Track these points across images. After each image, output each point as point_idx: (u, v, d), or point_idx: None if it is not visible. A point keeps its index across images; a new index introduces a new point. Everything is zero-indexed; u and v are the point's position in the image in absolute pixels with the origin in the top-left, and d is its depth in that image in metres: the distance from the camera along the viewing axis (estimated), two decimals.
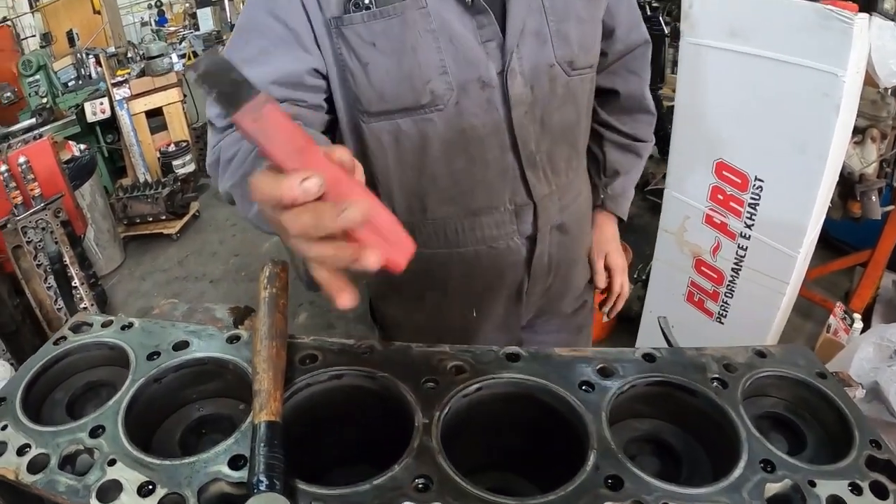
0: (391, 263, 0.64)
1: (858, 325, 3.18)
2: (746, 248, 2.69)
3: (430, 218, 1.34)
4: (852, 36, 1.98)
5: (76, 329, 1.04)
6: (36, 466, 0.78)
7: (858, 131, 2.82)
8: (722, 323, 3.41)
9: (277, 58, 1.13)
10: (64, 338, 1.02)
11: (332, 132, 1.30)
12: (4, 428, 0.84)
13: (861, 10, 2.02)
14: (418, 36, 1.12)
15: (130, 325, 1.02)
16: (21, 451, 0.81)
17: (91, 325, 1.04)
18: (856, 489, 0.72)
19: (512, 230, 1.36)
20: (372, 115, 1.21)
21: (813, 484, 0.73)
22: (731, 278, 3.06)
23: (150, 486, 0.74)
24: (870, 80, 2.19)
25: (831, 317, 3.34)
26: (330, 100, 1.23)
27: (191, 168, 7.06)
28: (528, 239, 1.40)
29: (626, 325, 3.45)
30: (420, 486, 0.74)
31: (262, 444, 0.72)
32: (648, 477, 0.74)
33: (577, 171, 1.47)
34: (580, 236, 1.56)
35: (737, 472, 0.74)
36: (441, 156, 1.25)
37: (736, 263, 2.82)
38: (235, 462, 0.77)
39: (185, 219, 6.37)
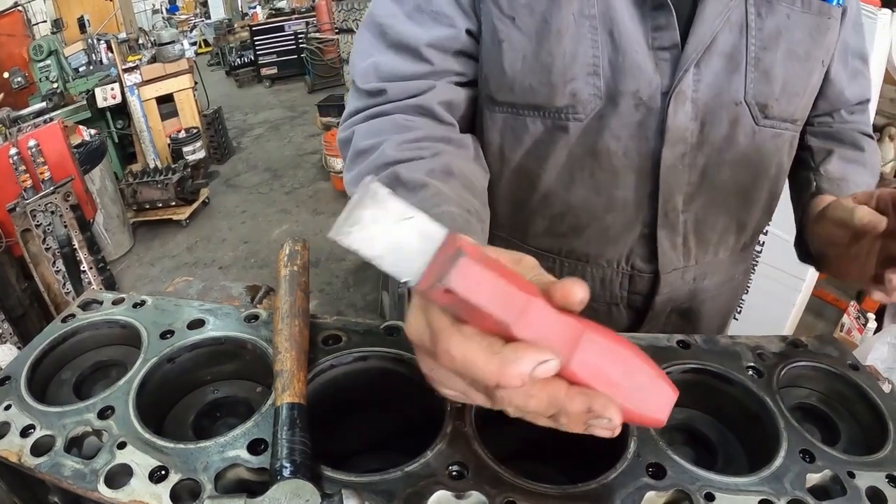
0: (646, 422, 0.54)
1: (872, 324, 3.17)
2: (763, 242, 2.64)
3: (530, 245, 1.11)
4: (875, 31, 1.94)
5: (85, 306, 0.99)
6: (40, 449, 0.74)
7: (877, 129, 2.79)
8: (736, 318, 3.38)
9: (433, 16, 0.96)
10: (73, 315, 0.97)
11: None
12: (8, 408, 0.79)
13: (884, 6, 1.98)
14: (571, 19, 0.90)
15: (143, 303, 0.97)
16: (25, 433, 0.76)
17: (101, 302, 0.99)
18: (893, 480, 0.71)
19: (619, 296, 1.11)
20: (497, 104, 1.01)
21: (852, 475, 0.71)
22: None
23: (163, 472, 0.69)
24: (888, 78, 2.15)
25: (845, 316, 3.33)
26: None
27: (201, 154, 7.09)
28: (635, 312, 1.14)
29: None
30: (454, 473, 0.69)
31: (286, 428, 0.67)
32: (690, 465, 0.71)
33: (733, 250, 1.16)
34: (706, 331, 1.21)
35: (777, 462, 0.72)
36: (562, 175, 1.02)
37: (752, 258, 2.78)
38: (255, 447, 0.71)
39: (195, 205, 6.39)
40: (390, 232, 0.47)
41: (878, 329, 3.18)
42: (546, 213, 1.07)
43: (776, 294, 3.22)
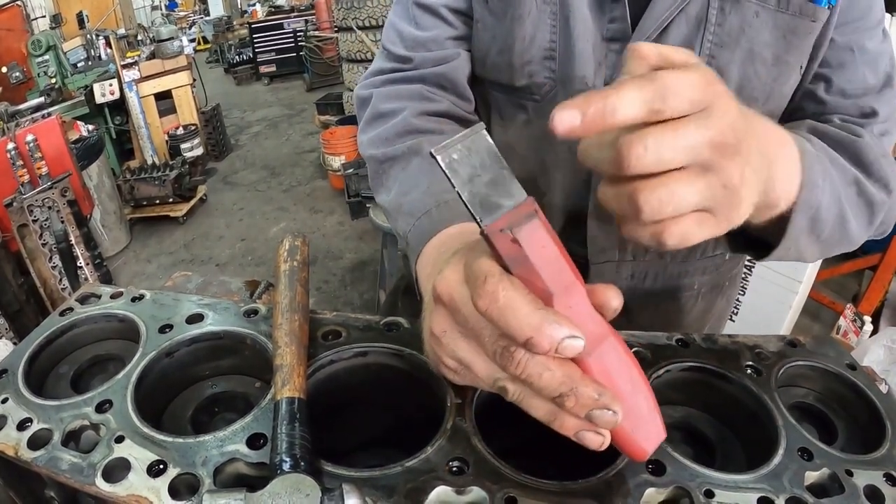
0: (632, 449, 0.57)
1: (868, 327, 3.18)
2: None
3: None
4: None
5: (83, 300, 0.98)
6: (37, 442, 0.73)
7: None
8: (733, 320, 3.40)
9: None
10: (70, 309, 0.96)
11: None
12: (5, 401, 0.79)
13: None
14: (532, 5, 0.94)
15: (141, 297, 0.97)
16: (22, 426, 0.75)
17: (99, 296, 0.98)
18: (890, 479, 0.71)
19: None
20: (475, 79, 1.06)
21: (850, 473, 0.71)
22: (743, 275, 3.02)
23: (161, 466, 0.69)
24: None
25: (841, 318, 3.34)
26: None
27: (199, 151, 7.07)
28: None
29: None
30: (455, 468, 0.69)
31: (285, 422, 0.67)
32: (690, 462, 0.71)
33: (674, 256, 1.13)
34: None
35: (776, 460, 0.71)
36: (518, 152, 1.06)
37: (749, 260, 2.79)
38: (254, 441, 0.71)
39: (192, 202, 6.38)
40: (481, 175, 0.52)
41: (874, 332, 3.19)
42: None
43: (772, 296, 3.23)
